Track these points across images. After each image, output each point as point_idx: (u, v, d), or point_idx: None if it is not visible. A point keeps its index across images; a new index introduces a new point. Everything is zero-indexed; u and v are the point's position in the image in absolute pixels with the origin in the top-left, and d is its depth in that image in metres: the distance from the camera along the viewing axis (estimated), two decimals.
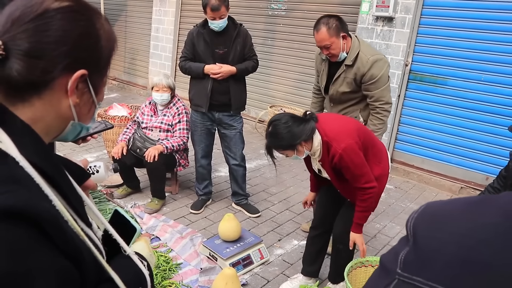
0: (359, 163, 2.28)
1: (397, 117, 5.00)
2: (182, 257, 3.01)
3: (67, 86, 0.71)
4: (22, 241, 0.57)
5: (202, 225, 3.50)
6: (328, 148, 2.30)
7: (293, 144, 2.28)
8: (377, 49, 4.93)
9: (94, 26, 0.74)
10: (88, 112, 0.80)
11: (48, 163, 0.69)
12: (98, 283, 0.75)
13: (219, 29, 3.36)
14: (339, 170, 2.36)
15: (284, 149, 2.32)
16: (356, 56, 2.88)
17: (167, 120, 3.77)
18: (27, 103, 0.69)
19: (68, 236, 0.65)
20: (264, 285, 2.83)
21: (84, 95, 0.76)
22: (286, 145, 2.29)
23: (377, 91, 2.90)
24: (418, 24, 4.72)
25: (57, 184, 0.69)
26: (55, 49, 0.68)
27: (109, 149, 4.59)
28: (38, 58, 0.67)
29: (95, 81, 0.77)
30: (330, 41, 2.81)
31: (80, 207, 0.75)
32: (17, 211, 0.57)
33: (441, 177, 4.76)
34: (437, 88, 4.69)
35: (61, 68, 0.69)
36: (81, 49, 0.72)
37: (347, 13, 5.29)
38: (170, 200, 3.91)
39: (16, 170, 0.63)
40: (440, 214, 0.58)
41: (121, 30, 8.75)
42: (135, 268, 0.87)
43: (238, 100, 3.54)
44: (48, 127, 0.74)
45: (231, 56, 3.42)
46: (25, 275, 0.56)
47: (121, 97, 7.90)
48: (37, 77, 0.68)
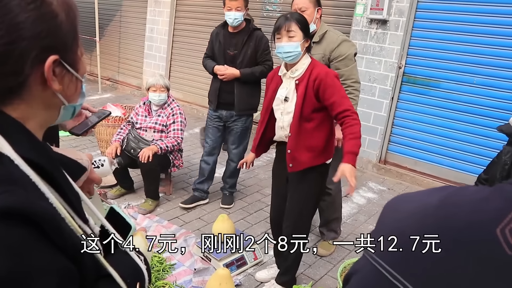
0: (340, 88, 2.29)
1: (390, 119, 5.03)
2: (175, 257, 3.01)
3: (43, 77, 0.67)
4: (20, 241, 0.57)
5: (196, 226, 3.50)
6: (313, 69, 2.33)
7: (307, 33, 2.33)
8: (371, 51, 4.98)
9: (45, 4, 0.66)
10: (75, 90, 0.76)
11: (44, 159, 0.68)
12: (97, 279, 0.75)
13: (233, 23, 3.45)
14: (310, 99, 2.29)
15: (301, 27, 2.30)
16: (324, 34, 2.95)
17: (162, 121, 3.77)
18: (10, 107, 0.67)
19: (66, 234, 0.64)
20: (258, 285, 2.83)
21: (65, 77, 0.72)
22: (304, 26, 2.32)
23: (347, 69, 2.92)
24: (412, 27, 4.75)
25: (54, 180, 0.68)
26: (15, 48, 0.62)
27: (102, 149, 4.57)
28: (2, 63, 0.62)
29: (70, 59, 0.72)
30: (307, 6, 2.87)
31: (77, 204, 0.75)
32: (15, 211, 0.57)
33: (433, 178, 4.79)
34: (430, 90, 4.73)
35: (30, 64, 0.65)
36: (41, 35, 0.65)
37: (341, 16, 5.33)
38: (164, 200, 3.91)
39: (11, 169, 0.62)
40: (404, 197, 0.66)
41: (116, 30, 8.73)
42: (133, 263, 0.87)
43: (242, 102, 3.60)
44: (40, 121, 0.72)
45: (240, 58, 3.51)
46: (25, 274, 0.56)
47: (115, 98, 7.88)
48: (10, 83, 0.64)
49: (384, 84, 4.95)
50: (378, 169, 5.13)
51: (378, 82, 4.99)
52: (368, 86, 5.05)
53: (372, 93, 5.04)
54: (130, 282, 0.82)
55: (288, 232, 2.52)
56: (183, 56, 7.55)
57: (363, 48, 5.03)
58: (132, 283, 0.83)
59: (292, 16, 2.32)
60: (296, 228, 2.51)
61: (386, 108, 4.99)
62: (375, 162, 5.16)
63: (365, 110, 5.11)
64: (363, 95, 5.09)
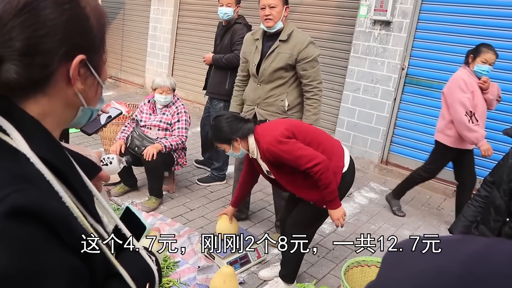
0: (290, 149, 2.32)
1: (392, 120, 5.05)
2: (179, 255, 3.03)
3: (68, 75, 0.70)
4: (32, 239, 0.58)
5: (199, 224, 3.52)
6: (259, 148, 2.45)
7: (230, 138, 2.48)
8: (374, 52, 5.00)
9: (79, 6, 0.70)
10: (95, 94, 0.78)
11: (59, 158, 0.69)
12: (106, 278, 0.75)
13: (223, 17, 4.02)
14: (280, 166, 2.43)
15: (221, 142, 2.53)
16: (291, 33, 3.02)
17: (166, 119, 3.79)
18: (32, 101, 0.68)
19: (77, 233, 0.65)
20: (261, 284, 2.85)
21: (88, 79, 0.74)
22: (223, 138, 2.51)
23: (313, 70, 3.03)
24: (415, 28, 4.77)
25: (67, 180, 0.69)
26: (48, 41, 0.65)
27: (106, 147, 4.59)
28: (33, 54, 0.65)
29: (95, 62, 0.75)
30: (276, 4, 2.95)
31: (90, 203, 0.75)
32: (27, 210, 0.57)
33: (435, 180, 4.78)
34: (433, 92, 4.75)
35: (59, 59, 0.68)
36: (72, 34, 0.69)
37: (345, 16, 5.34)
38: (168, 198, 3.93)
39: (26, 167, 0.63)
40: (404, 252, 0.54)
41: (119, 28, 8.75)
42: (144, 263, 0.87)
43: (211, 85, 4.25)
44: (58, 119, 0.73)
45: (218, 48, 4.18)
46: (35, 273, 0.57)
47: (117, 96, 7.90)
48: (37, 74, 0.66)
49: (387, 85, 4.97)
50: (380, 170, 5.16)
51: (381, 83, 5.01)
52: (371, 87, 5.07)
53: (375, 94, 5.06)
54: (140, 282, 0.82)
55: (290, 225, 2.57)
56: (186, 55, 7.56)
57: (366, 49, 5.05)
58: (141, 283, 0.83)
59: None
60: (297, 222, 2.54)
61: (389, 109, 5.01)
62: (377, 163, 5.18)
63: (367, 110, 5.13)
64: (366, 96, 5.12)
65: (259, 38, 3.16)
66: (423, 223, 3.98)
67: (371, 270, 2.58)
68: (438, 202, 4.53)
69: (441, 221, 4.06)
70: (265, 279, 2.88)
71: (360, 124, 5.25)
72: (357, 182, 4.83)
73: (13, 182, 0.60)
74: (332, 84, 5.52)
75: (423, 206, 4.39)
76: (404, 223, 3.94)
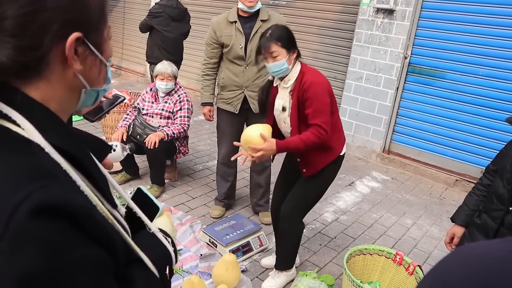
0: (323, 101, 2.27)
1: (395, 109, 5.04)
2: (182, 243, 3.05)
3: (65, 55, 0.63)
4: (58, 236, 0.56)
5: (201, 212, 3.53)
6: (303, 77, 2.32)
7: (295, 46, 2.33)
8: (377, 41, 4.96)
9: None
10: (99, 74, 0.72)
11: (73, 145, 0.66)
12: (127, 264, 0.74)
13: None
14: (304, 106, 2.32)
15: (285, 45, 2.29)
16: (268, 13, 3.11)
17: (168, 107, 3.78)
18: (31, 87, 0.63)
19: (100, 224, 0.63)
20: (263, 272, 2.87)
21: (88, 58, 0.68)
22: (291, 41, 2.32)
23: None
24: (418, 17, 4.73)
25: (84, 166, 0.66)
26: (36, 18, 0.59)
27: (107, 135, 4.59)
28: (22, 35, 0.58)
29: (95, 39, 0.68)
30: None
31: (106, 188, 0.72)
32: (53, 207, 0.55)
33: (436, 169, 4.82)
34: (436, 81, 4.73)
35: (50, 38, 0.61)
36: (65, 9, 0.61)
37: (348, 4, 5.30)
38: (169, 187, 3.94)
39: (43, 158, 0.60)
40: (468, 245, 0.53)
41: (119, 16, 8.68)
42: (161, 247, 0.86)
43: None
44: (61, 104, 0.68)
45: None
46: (63, 270, 0.56)
47: (119, 84, 7.87)
48: (28, 56, 0.60)
49: (389, 74, 4.95)
50: (382, 159, 5.16)
51: (383, 72, 4.98)
52: (373, 76, 5.05)
53: (378, 83, 5.04)
54: (160, 266, 0.81)
55: (287, 208, 2.51)
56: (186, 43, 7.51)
57: (369, 37, 5.01)
58: (162, 267, 0.82)
59: (271, 36, 2.29)
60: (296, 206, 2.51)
61: (391, 98, 4.99)
62: (379, 152, 5.18)
63: (370, 99, 5.11)
64: (368, 85, 5.10)
65: (236, 21, 3.10)
66: (425, 213, 3.99)
67: (373, 259, 2.59)
68: (440, 191, 4.53)
69: (443, 210, 4.07)
70: (267, 267, 2.89)
71: (363, 113, 5.24)
72: (359, 171, 4.84)
73: (33, 177, 0.57)
74: (335, 73, 5.50)
75: (425, 195, 4.40)
76: (406, 212, 3.95)
